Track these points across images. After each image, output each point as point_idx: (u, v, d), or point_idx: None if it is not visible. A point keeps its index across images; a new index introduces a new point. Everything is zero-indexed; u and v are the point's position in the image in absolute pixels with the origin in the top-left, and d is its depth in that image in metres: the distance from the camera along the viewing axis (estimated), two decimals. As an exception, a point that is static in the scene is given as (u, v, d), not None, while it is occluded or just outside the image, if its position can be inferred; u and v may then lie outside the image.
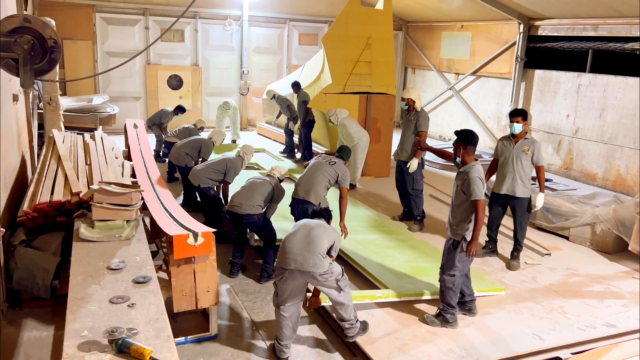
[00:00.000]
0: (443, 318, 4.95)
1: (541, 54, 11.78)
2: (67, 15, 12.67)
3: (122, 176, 6.15)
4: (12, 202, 5.42)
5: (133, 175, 6.52)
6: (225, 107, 12.33)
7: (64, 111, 9.50)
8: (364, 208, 8.19)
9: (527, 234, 6.70)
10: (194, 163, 7.99)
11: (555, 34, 11.33)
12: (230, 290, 5.67)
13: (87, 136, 7.65)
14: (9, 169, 5.57)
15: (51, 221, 5.12)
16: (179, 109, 11.10)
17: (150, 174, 6.61)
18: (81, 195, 5.01)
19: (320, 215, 4.70)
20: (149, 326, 2.96)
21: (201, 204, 7.37)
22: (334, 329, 4.89)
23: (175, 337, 4.17)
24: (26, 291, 4.75)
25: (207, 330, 4.73)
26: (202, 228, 4.53)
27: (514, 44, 12.22)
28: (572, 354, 4.61)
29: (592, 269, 6.55)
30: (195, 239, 4.30)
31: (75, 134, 7.93)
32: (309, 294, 4.68)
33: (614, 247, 6.99)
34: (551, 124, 11.36)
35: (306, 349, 4.63)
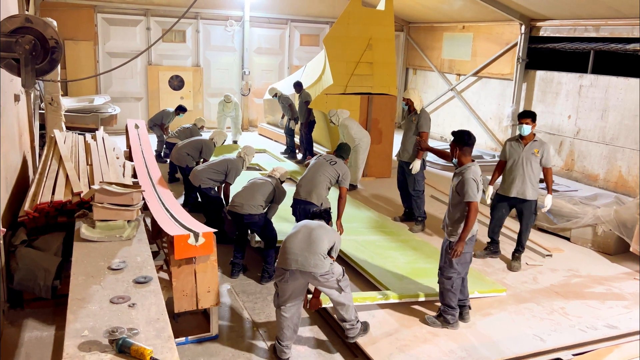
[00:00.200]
0: (444, 319, 4.95)
1: (543, 55, 11.77)
2: (69, 16, 12.69)
3: (123, 176, 6.16)
4: (14, 202, 5.42)
5: (134, 176, 6.53)
6: (227, 100, 12.28)
7: (66, 111, 9.50)
8: (365, 209, 8.19)
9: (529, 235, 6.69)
10: (195, 163, 7.99)
11: (557, 35, 11.33)
12: (231, 290, 5.67)
13: (88, 136, 7.66)
14: (10, 169, 5.57)
15: (52, 221, 5.12)
16: (180, 109, 11.12)
17: (151, 174, 6.61)
18: (82, 195, 5.01)
19: (320, 216, 4.70)
20: (150, 326, 2.96)
21: (202, 204, 7.37)
22: (335, 330, 4.89)
23: (176, 337, 4.16)
24: (27, 291, 4.75)
25: (208, 331, 4.73)
26: (203, 228, 4.53)
27: (515, 44, 12.23)
28: (573, 355, 4.60)
29: (593, 270, 6.54)
30: (196, 239, 4.30)
31: (77, 134, 7.93)
32: (310, 296, 4.68)
33: (616, 249, 6.98)
34: (553, 125, 11.35)
35: (307, 349, 4.63)
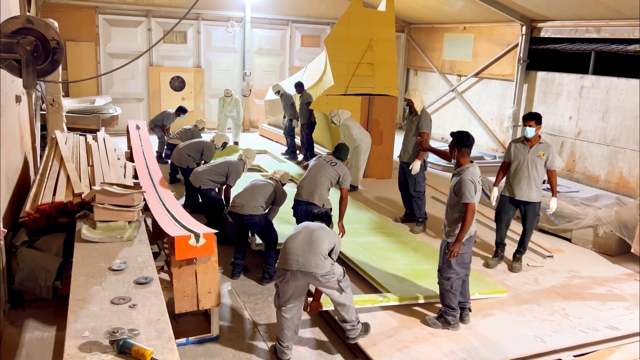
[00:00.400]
0: (444, 320, 4.95)
1: (544, 56, 11.77)
2: (70, 17, 12.71)
3: (124, 177, 6.16)
4: (15, 203, 5.42)
5: (135, 177, 6.53)
6: (226, 94, 12.19)
7: (67, 112, 9.51)
8: (365, 210, 8.19)
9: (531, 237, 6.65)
10: (195, 165, 8.00)
11: (558, 36, 11.33)
12: (231, 291, 5.67)
13: (89, 137, 7.67)
14: (11, 169, 5.58)
15: (53, 222, 5.13)
16: (181, 110, 11.11)
17: (152, 175, 6.62)
18: (83, 196, 5.02)
19: (320, 219, 4.71)
20: (150, 327, 2.96)
21: (202, 205, 7.38)
22: (336, 331, 4.89)
23: (177, 338, 4.16)
24: (28, 292, 4.76)
25: (209, 332, 4.73)
26: (204, 229, 4.53)
27: (516, 45, 12.22)
28: (574, 356, 4.59)
29: (594, 271, 6.54)
30: (197, 240, 4.31)
31: (78, 135, 7.94)
32: (310, 299, 4.68)
33: (617, 249, 6.97)
34: (554, 126, 11.34)
35: (307, 350, 4.63)
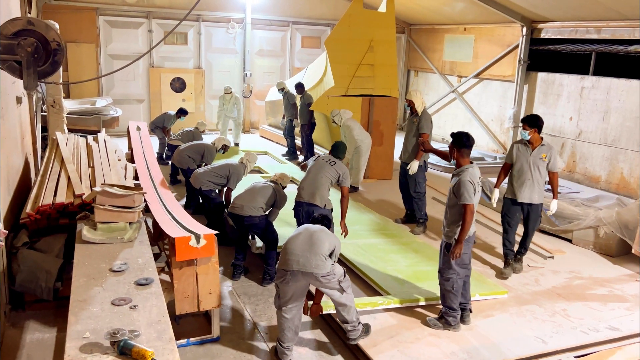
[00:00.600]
0: (445, 321, 4.94)
1: (544, 57, 11.77)
2: (71, 18, 12.72)
3: (125, 178, 6.16)
4: (15, 204, 5.43)
5: (136, 178, 6.54)
6: (226, 91, 12.16)
7: (67, 114, 9.51)
8: (366, 211, 8.19)
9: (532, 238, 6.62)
10: (196, 166, 8.00)
11: (558, 37, 11.33)
12: (232, 292, 5.67)
13: (90, 138, 7.67)
14: (12, 171, 5.59)
15: (54, 223, 5.13)
16: (182, 112, 11.11)
17: (152, 176, 6.62)
18: (84, 197, 5.02)
19: (321, 222, 4.73)
20: (151, 328, 2.96)
21: (203, 206, 7.39)
22: (336, 332, 4.88)
23: (177, 339, 4.16)
24: (29, 293, 4.76)
25: (209, 333, 4.73)
26: (205, 230, 4.53)
27: (516, 46, 12.22)
28: (575, 357, 4.59)
29: (595, 272, 6.53)
30: (198, 241, 4.31)
31: (79, 136, 7.95)
32: (310, 302, 4.68)
33: (618, 250, 6.96)
34: (554, 127, 11.33)
35: (308, 351, 4.63)
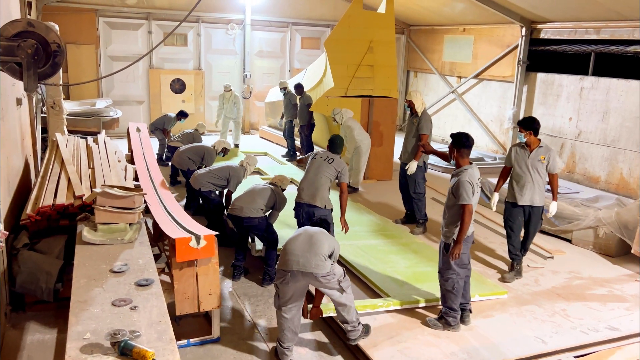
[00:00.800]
0: (445, 321, 4.95)
1: (543, 57, 11.78)
2: (71, 20, 12.73)
3: (125, 179, 6.17)
4: (16, 206, 5.43)
5: (136, 179, 6.54)
6: (226, 89, 12.14)
7: (67, 115, 9.53)
8: (366, 212, 8.19)
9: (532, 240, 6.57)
10: (196, 167, 8.01)
11: (558, 37, 11.34)
12: (232, 293, 5.68)
13: (90, 140, 7.68)
14: (12, 172, 5.59)
15: (54, 224, 5.14)
16: (182, 115, 11.10)
17: (152, 177, 6.63)
18: (84, 198, 5.03)
19: (319, 225, 4.76)
20: (152, 329, 2.97)
21: (203, 207, 7.39)
22: (337, 332, 4.89)
23: (178, 340, 4.16)
24: (29, 294, 4.77)
25: (210, 333, 4.73)
26: (205, 231, 4.54)
27: (516, 47, 12.24)
28: (574, 357, 4.59)
29: (594, 272, 6.54)
30: (198, 242, 4.32)
31: (79, 137, 7.95)
32: (310, 306, 4.69)
33: (617, 250, 6.97)
34: (554, 127, 11.35)
35: (308, 351, 4.63)
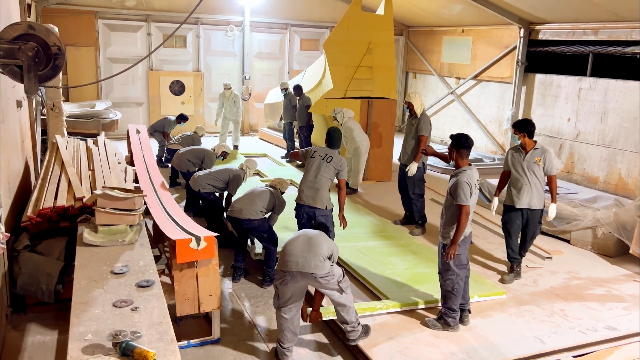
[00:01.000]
0: (444, 321, 4.97)
1: (542, 58, 11.81)
2: (70, 22, 12.75)
3: (125, 181, 6.19)
4: (16, 208, 5.45)
5: (136, 180, 6.56)
6: (226, 87, 12.13)
7: (67, 117, 9.54)
8: (365, 213, 8.21)
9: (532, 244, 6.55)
10: (196, 169, 8.03)
11: (556, 38, 11.37)
12: (232, 294, 5.70)
13: (90, 142, 7.70)
14: (12, 174, 5.61)
15: (55, 226, 5.15)
16: (182, 118, 11.10)
17: (152, 179, 6.65)
18: (85, 200, 5.05)
19: (318, 229, 4.79)
20: (153, 329, 2.99)
21: (202, 208, 7.41)
22: (336, 333, 4.91)
23: (178, 341, 4.17)
24: (30, 296, 4.78)
25: (210, 334, 4.75)
26: (205, 232, 4.56)
27: (514, 48, 12.26)
28: (573, 357, 4.61)
29: (593, 272, 6.56)
30: (198, 243, 4.34)
31: (78, 139, 7.97)
32: (309, 309, 4.71)
33: (616, 250, 7.00)
34: (552, 128, 11.37)
35: (308, 352, 4.65)
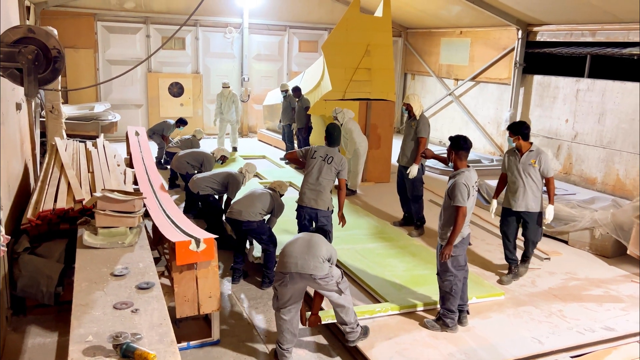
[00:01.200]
0: (443, 322, 4.99)
1: (540, 60, 11.84)
2: (69, 24, 12.77)
3: (125, 183, 6.20)
4: (16, 210, 5.46)
5: (135, 183, 6.58)
6: (224, 85, 12.11)
7: (66, 119, 9.55)
8: (364, 214, 8.23)
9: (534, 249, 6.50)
10: (195, 172, 8.03)
11: (554, 40, 11.40)
12: (232, 295, 5.71)
13: (89, 144, 7.71)
14: (12, 177, 5.62)
15: (54, 228, 5.17)
16: (181, 122, 11.09)
17: (152, 181, 6.67)
18: (84, 202, 5.06)
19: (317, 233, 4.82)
20: (153, 331, 3.01)
21: (202, 210, 7.43)
22: (335, 334, 4.92)
23: (178, 342, 4.18)
24: (30, 298, 4.80)
25: (210, 336, 4.76)
26: (204, 234, 4.58)
27: (512, 49, 12.29)
28: (571, 357, 4.63)
29: (591, 273, 6.59)
30: (198, 245, 4.35)
31: (78, 141, 7.99)
32: (308, 313, 4.73)
33: (613, 251, 7.02)
34: (550, 129, 11.41)
35: (307, 353, 4.67)
